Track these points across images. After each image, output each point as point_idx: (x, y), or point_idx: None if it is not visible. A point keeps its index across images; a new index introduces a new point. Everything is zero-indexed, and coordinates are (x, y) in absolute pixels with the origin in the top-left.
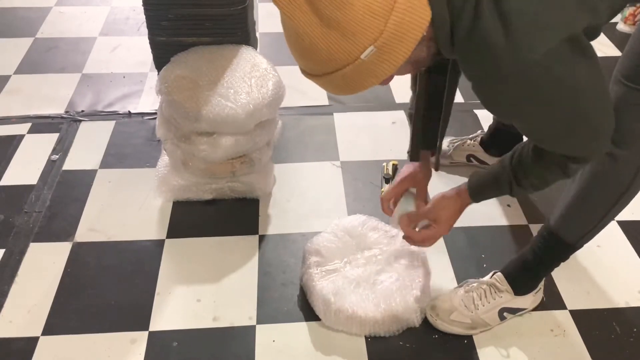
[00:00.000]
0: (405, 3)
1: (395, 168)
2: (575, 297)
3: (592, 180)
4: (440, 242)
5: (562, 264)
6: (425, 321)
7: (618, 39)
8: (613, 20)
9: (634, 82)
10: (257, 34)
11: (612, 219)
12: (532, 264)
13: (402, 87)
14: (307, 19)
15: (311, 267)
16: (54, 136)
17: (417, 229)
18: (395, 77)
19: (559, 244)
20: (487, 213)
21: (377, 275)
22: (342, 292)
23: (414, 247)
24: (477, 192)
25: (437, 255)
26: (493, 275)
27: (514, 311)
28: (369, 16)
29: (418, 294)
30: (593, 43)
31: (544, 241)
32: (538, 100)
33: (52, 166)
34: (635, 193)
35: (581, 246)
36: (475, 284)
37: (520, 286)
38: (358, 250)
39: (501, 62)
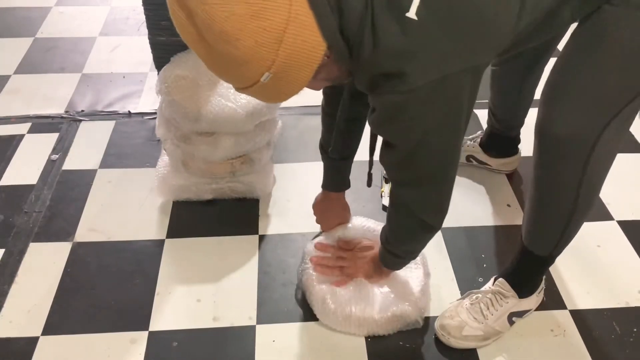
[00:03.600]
0: (295, 34)
1: None
2: (575, 297)
3: (539, 200)
4: (440, 242)
5: (561, 264)
6: (425, 321)
7: None
8: None
9: (564, 98)
10: None
11: (580, 225)
12: (517, 276)
13: None
14: (202, 48)
15: (311, 268)
16: (54, 136)
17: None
18: None
19: (533, 258)
20: (487, 213)
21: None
22: (341, 293)
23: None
24: (380, 253)
25: (437, 256)
26: (495, 281)
27: (521, 314)
28: (257, 48)
29: (418, 294)
30: None
31: (520, 256)
32: (391, 125)
33: (52, 166)
34: (590, 203)
35: (557, 255)
36: (479, 295)
37: (522, 290)
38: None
39: (377, 83)
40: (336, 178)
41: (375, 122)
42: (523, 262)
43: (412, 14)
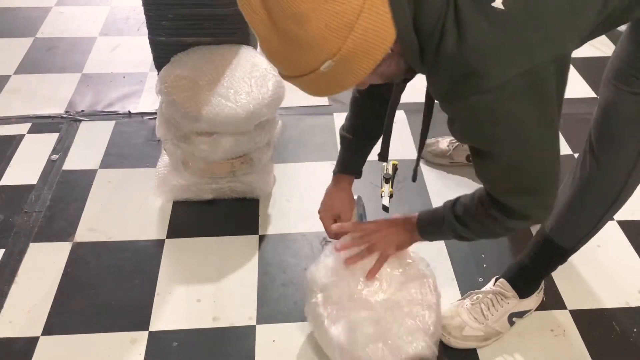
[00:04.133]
0: (367, 23)
1: (395, 168)
2: (575, 297)
3: (585, 186)
4: (441, 242)
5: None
6: None
7: (617, 39)
8: None
9: (624, 84)
10: None
11: (607, 221)
12: (531, 269)
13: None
14: (268, 30)
15: (319, 305)
16: (54, 136)
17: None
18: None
19: (556, 250)
20: None
21: (389, 312)
22: (357, 340)
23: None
24: (423, 220)
25: (437, 256)
26: (496, 282)
27: (521, 314)
28: (327, 32)
29: (432, 331)
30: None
31: (540, 247)
32: (484, 130)
33: (52, 166)
34: (628, 196)
35: (579, 248)
36: (480, 295)
37: (524, 290)
38: (362, 275)
39: (458, 87)
40: (357, 159)
41: (462, 131)
42: (542, 253)
43: (498, 3)
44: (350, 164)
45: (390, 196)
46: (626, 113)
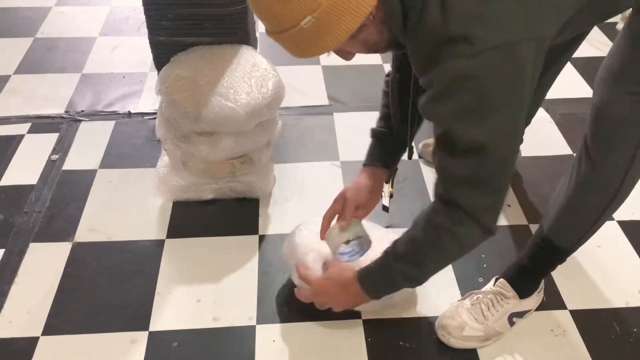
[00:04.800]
0: None
1: (395, 168)
2: (575, 297)
3: (581, 187)
4: None
5: (561, 264)
6: (425, 321)
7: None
8: (612, 20)
9: (618, 83)
10: (257, 34)
11: (605, 222)
12: (530, 269)
13: None
14: None
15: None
16: (54, 136)
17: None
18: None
19: (554, 250)
20: None
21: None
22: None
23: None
24: (363, 272)
25: None
26: (496, 282)
27: (521, 314)
28: None
29: None
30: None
31: (539, 248)
32: (450, 100)
33: (52, 166)
34: (625, 197)
35: (576, 249)
36: (480, 295)
37: (523, 290)
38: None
39: (438, 52)
40: (384, 147)
41: (431, 100)
42: (541, 254)
43: None
44: (376, 154)
45: (391, 196)
46: (620, 113)
